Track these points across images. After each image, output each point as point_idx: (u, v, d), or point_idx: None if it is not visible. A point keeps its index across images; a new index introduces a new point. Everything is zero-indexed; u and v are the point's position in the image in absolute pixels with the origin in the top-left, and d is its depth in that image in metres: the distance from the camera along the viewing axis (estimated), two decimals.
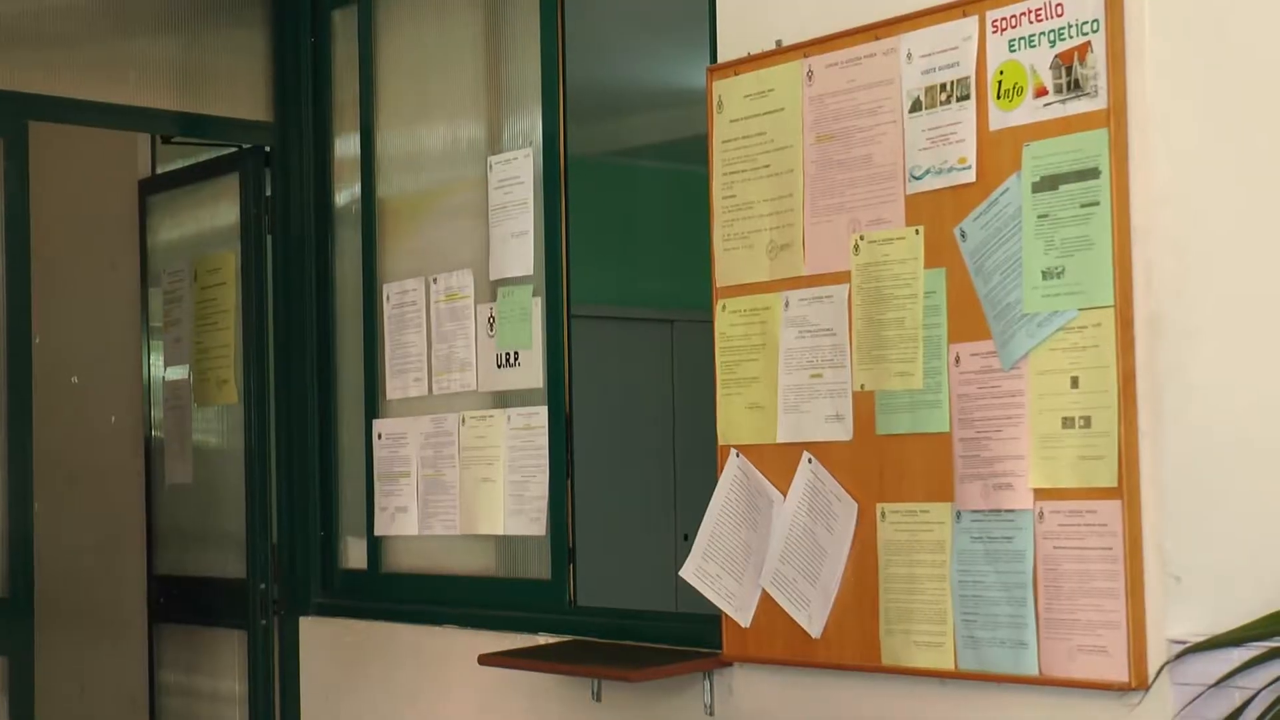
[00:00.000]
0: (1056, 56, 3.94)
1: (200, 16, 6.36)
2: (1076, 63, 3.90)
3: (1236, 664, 3.60)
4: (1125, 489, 3.79)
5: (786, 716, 4.56)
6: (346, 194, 6.39)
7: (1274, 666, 3.54)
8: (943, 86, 4.19)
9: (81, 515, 7.32)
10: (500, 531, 5.58)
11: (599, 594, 5.43)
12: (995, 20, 4.07)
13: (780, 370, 4.57)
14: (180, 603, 6.92)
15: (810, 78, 4.51)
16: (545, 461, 5.40)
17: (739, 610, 4.61)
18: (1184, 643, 3.71)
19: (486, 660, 5.19)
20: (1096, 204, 3.85)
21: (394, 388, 6.03)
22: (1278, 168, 4.01)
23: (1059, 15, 3.93)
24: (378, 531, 6.10)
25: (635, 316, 8.23)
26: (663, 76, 7.54)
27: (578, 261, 5.42)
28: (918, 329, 4.22)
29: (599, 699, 5.10)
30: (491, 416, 5.62)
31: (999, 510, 4.04)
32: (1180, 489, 3.80)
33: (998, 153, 4.06)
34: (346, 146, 6.38)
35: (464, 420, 5.72)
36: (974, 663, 4.08)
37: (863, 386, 4.35)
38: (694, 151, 4.90)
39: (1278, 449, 3.95)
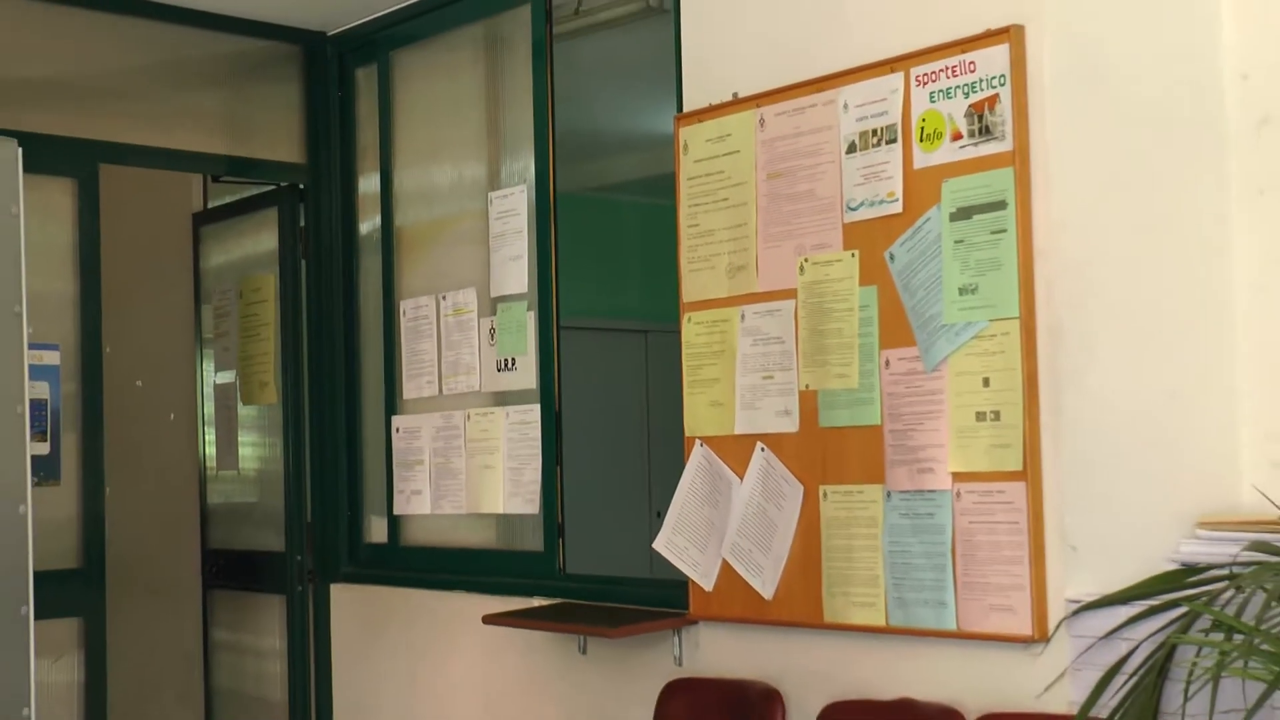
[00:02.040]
0: (970, 106, 3.95)
1: (244, 74, 6.36)
2: (987, 111, 3.91)
3: (1123, 619, 3.61)
4: (1029, 472, 3.80)
5: (744, 666, 4.56)
6: (369, 224, 6.38)
7: (1154, 621, 3.55)
8: (874, 132, 4.18)
9: (145, 498, 7.30)
10: (500, 511, 5.58)
11: (584, 563, 5.42)
12: (918, 76, 4.07)
13: (737, 373, 4.56)
14: (229, 572, 6.90)
15: (762, 124, 4.50)
16: (538, 451, 5.39)
17: (703, 576, 4.60)
18: (1079, 602, 3.73)
19: (489, 620, 5.18)
20: (1004, 231, 3.86)
21: (410, 389, 6.02)
22: (1157, 199, 4.05)
23: (972, 71, 3.94)
24: (396, 511, 6.08)
25: (615, 328, 8.21)
26: (637, 123, 7.53)
27: (565, 281, 5.42)
28: (854, 337, 4.22)
29: (585, 652, 5.10)
30: (492, 413, 5.61)
31: (923, 490, 4.04)
32: (1076, 473, 3.81)
33: (921, 188, 4.06)
34: (369, 184, 6.38)
35: (469, 416, 5.71)
36: (902, 620, 4.08)
37: (807, 386, 4.35)
38: (664, 187, 4.89)
39: (1159, 441, 3.99)
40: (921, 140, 4.07)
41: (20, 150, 3.22)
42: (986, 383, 3.90)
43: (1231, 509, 4.03)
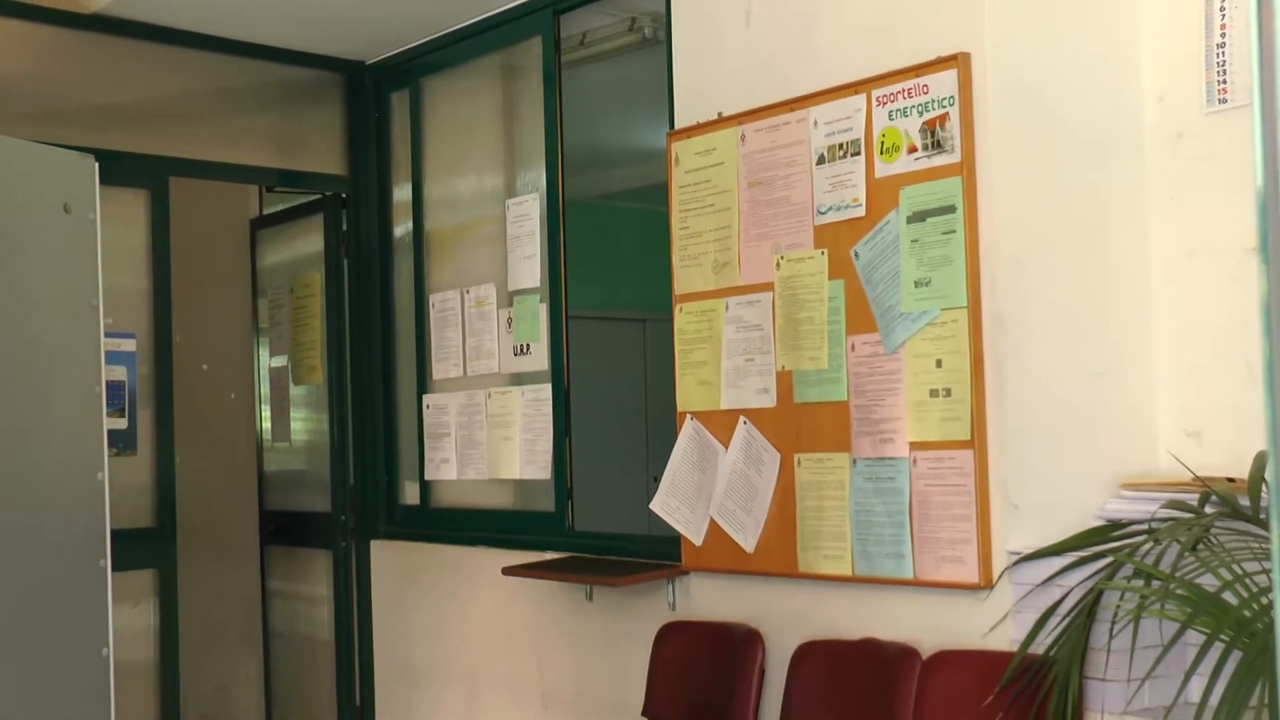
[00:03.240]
0: (923, 123, 3.93)
1: (294, 98, 6.34)
2: (938, 128, 3.89)
3: (1058, 568, 3.62)
4: (976, 442, 3.80)
5: (729, 610, 4.55)
6: (402, 228, 6.36)
7: (1085, 569, 3.56)
8: (840, 145, 4.17)
9: (210, 466, 7.29)
10: (517, 476, 5.56)
11: (590, 522, 5.41)
12: (879, 96, 4.06)
13: (723, 355, 4.55)
14: (283, 530, 6.89)
15: (743, 139, 4.49)
16: (550, 424, 5.37)
17: (693, 533, 4.60)
18: (1019, 553, 3.73)
19: (508, 571, 5.18)
20: (954, 232, 3.85)
21: (438, 370, 6.01)
22: (1085, 204, 4.05)
23: (925, 93, 3.93)
24: (427, 477, 6.07)
25: (616, 317, 8.19)
26: (634, 139, 7.51)
27: (573, 277, 5.40)
28: (823, 324, 4.21)
29: (591, 599, 5.10)
30: (509, 392, 5.60)
31: (884, 458, 4.03)
32: (1016, 441, 3.81)
33: (881, 194, 4.05)
34: (402, 193, 6.36)
35: (490, 395, 5.69)
36: (866, 570, 4.08)
37: (784, 367, 4.34)
38: (658, 195, 4.87)
39: (1088, 414, 3.99)
40: (881, 153, 4.05)
41: (97, 165, 3.21)
42: (939, 364, 3.89)
43: (1150, 472, 4.03)
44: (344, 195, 6.47)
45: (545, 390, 5.41)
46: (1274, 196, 0.70)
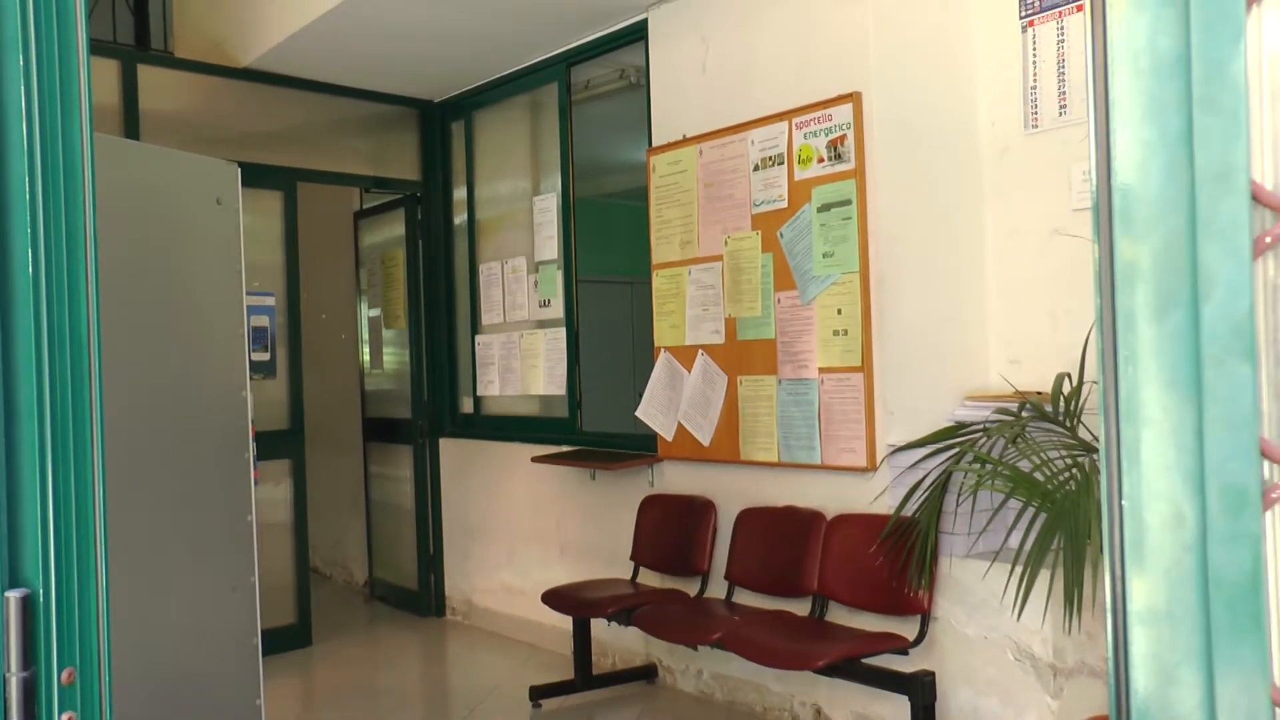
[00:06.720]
0: (829, 141, 3.88)
1: (383, 126, 6.26)
2: (839, 145, 3.85)
3: (921, 456, 3.62)
4: (865, 367, 3.78)
5: (691, 487, 4.55)
6: (460, 218, 6.30)
7: (940, 457, 3.56)
8: (770, 158, 4.12)
9: (328, 386, 7.27)
10: (542, 392, 5.55)
11: (594, 424, 5.40)
12: (797, 123, 4.01)
13: (687, 307, 4.52)
14: (378, 432, 6.87)
15: (701, 154, 4.43)
16: (564, 356, 5.35)
17: (666, 432, 4.58)
18: (894, 446, 3.72)
19: (535, 459, 5.17)
20: (850, 219, 3.81)
21: (486, 319, 5.97)
22: (940, 198, 4.01)
23: (829, 120, 3.88)
24: (478, 393, 6.05)
25: (612, 281, 8.13)
26: (624, 154, 7.43)
27: (581, 251, 5.37)
28: (758, 284, 4.18)
29: (594, 479, 5.09)
30: (536, 333, 5.56)
31: (800, 379, 4.01)
32: (893, 367, 3.79)
33: (799, 192, 4.01)
34: (460, 193, 6.30)
35: (522, 335, 5.66)
36: (788, 457, 4.07)
37: (730, 315, 4.31)
38: (641, 194, 4.83)
39: (942, 346, 3.97)
40: (799, 163, 4.01)
41: (239, 170, 3.15)
42: (840, 312, 3.86)
43: (985, 388, 4.03)
44: (419, 195, 6.40)
45: (561, 332, 5.38)
46: (1105, 191, 0.68)
